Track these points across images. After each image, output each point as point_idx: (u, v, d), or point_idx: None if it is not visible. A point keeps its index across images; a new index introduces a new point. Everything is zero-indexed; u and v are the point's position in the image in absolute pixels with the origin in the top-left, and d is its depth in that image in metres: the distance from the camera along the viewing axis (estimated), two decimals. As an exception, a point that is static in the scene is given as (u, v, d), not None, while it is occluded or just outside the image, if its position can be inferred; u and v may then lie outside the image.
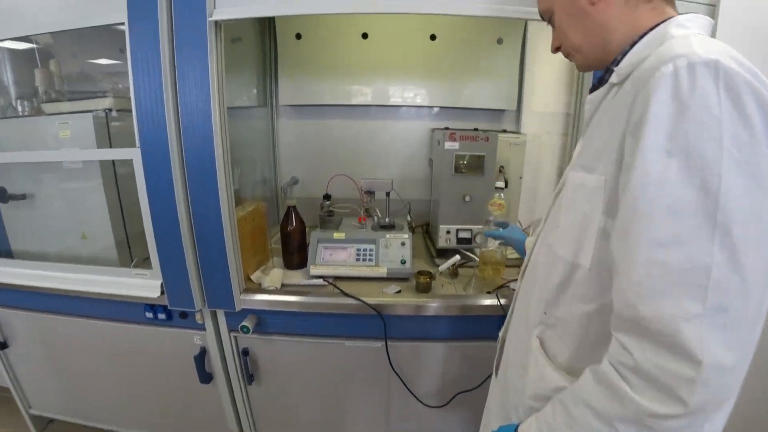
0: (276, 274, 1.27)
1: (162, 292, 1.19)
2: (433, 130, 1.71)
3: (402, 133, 1.79)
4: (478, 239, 1.34)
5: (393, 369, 1.27)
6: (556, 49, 0.72)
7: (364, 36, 1.64)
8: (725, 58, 0.45)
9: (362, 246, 1.37)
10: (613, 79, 0.60)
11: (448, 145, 1.37)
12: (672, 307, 0.45)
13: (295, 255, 1.40)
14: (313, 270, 1.30)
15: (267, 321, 1.24)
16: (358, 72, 1.68)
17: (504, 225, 1.20)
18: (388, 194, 1.53)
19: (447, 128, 1.65)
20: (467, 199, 1.42)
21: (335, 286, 1.26)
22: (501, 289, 1.26)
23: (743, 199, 0.44)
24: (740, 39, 1.33)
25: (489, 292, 1.27)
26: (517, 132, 1.74)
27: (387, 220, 1.54)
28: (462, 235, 1.46)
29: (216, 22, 0.99)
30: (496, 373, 0.93)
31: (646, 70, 0.51)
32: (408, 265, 1.33)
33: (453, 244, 1.46)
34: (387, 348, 1.24)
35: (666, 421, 0.45)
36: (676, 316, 0.44)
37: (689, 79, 0.45)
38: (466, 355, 1.30)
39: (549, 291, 0.67)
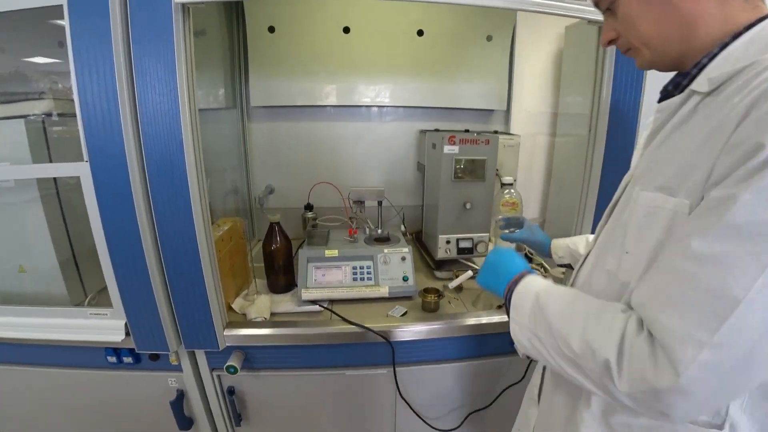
0: (263, 303, 1.10)
1: (127, 334, 0.99)
2: (423, 131, 1.59)
3: (387, 135, 1.65)
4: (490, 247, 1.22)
5: (402, 397, 1.14)
6: (609, 42, 0.61)
7: (346, 30, 1.49)
8: None
9: (358, 263, 1.23)
10: (701, 87, 0.51)
11: (448, 148, 1.25)
12: (682, 322, 0.42)
13: (281, 276, 1.23)
14: (305, 294, 1.14)
15: (256, 356, 1.07)
16: (339, 70, 1.53)
17: (517, 223, 1.09)
18: (380, 203, 1.39)
19: (438, 130, 1.54)
20: (468, 206, 1.31)
21: (333, 312, 1.11)
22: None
23: None
24: None
25: (500, 306, 1.18)
26: (508, 133, 1.67)
27: (380, 231, 1.41)
28: (463, 244, 1.36)
29: (183, 5, 0.81)
30: (539, 401, 0.84)
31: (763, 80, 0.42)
32: (411, 282, 1.21)
33: (453, 254, 1.35)
34: (396, 377, 1.11)
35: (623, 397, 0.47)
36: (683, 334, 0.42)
37: None
38: (477, 373, 1.19)
39: None
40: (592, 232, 1.04)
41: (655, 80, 0.68)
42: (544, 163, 1.75)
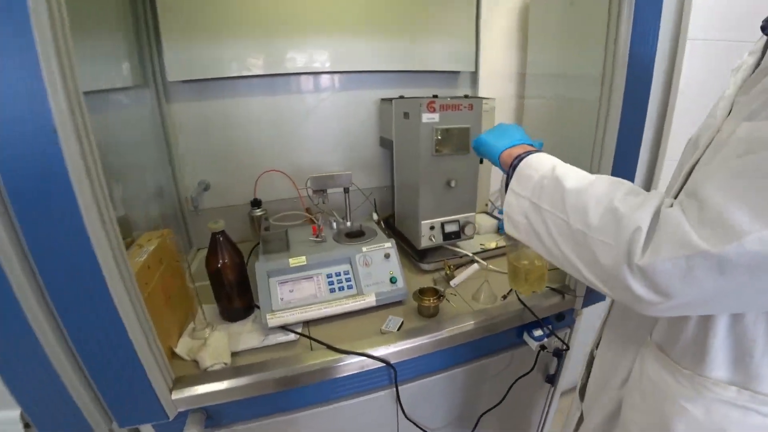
0: (219, 342, 0.83)
1: (27, 426, 0.68)
2: (385, 100, 1.35)
3: (341, 107, 1.39)
4: (505, 240, 0.99)
5: (407, 418, 0.95)
6: None
7: None
8: None
9: (333, 269, 0.99)
10: None
11: (427, 117, 1.04)
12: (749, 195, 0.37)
13: (236, 299, 0.96)
14: (272, 320, 0.89)
15: (222, 412, 0.81)
16: (278, 29, 1.22)
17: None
18: (347, 190, 1.15)
19: (402, 97, 1.31)
20: (453, 184, 1.12)
21: (312, 338, 0.87)
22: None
23: None
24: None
25: (504, 297, 1.02)
26: (477, 96, 1.48)
27: (349, 224, 1.18)
28: (449, 228, 1.17)
29: None
30: (582, 398, 0.80)
31: None
32: (401, 283, 1.00)
33: (439, 240, 1.16)
34: (399, 399, 0.91)
35: (635, 247, 0.43)
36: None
37: None
38: (485, 372, 1.04)
39: None
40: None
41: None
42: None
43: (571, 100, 1.38)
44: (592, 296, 1.02)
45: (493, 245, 1.25)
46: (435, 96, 1.32)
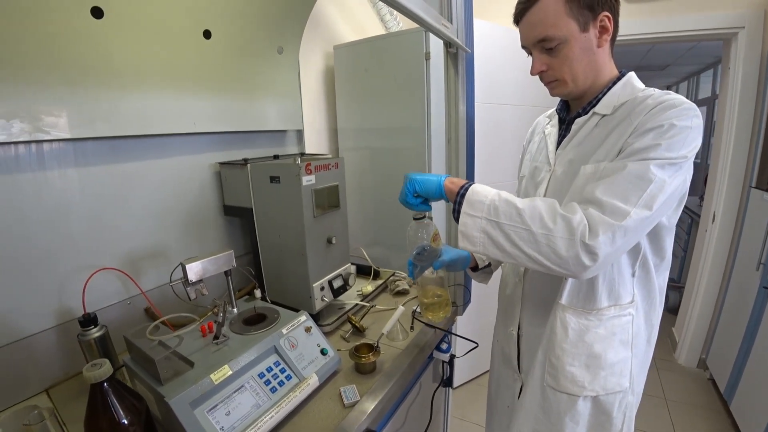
0: None
1: None
2: (225, 164, 1.22)
3: (172, 176, 1.16)
4: (417, 280, 1.04)
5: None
6: (538, 72, 0.81)
7: (96, 13, 0.90)
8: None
9: (263, 366, 0.85)
10: (604, 111, 0.79)
11: (307, 180, 1.04)
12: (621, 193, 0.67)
13: (143, 463, 0.67)
14: (223, 459, 0.68)
15: None
16: (86, 77, 0.91)
17: (429, 251, 1.02)
18: (228, 273, 0.99)
19: (246, 160, 1.23)
20: (333, 240, 1.15)
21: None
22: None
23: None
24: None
25: (412, 327, 1.14)
26: (308, 153, 1.55)
27: (236, 311, 1.02)
28: (337, 284, 1.19)
29: None
30: (520, 370, 1.00)
31: (646, 105, 0.73)
32: (332, 352, 0.96)
33: (330, 299, 1.17)
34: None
35: (580, 241, 0.66)
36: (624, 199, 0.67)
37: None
38: (417, 398, 1.13)
39: None
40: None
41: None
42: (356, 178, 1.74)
43: (385, 149, 1.67)
44: (466, 303, 1.28)
45: (370, 289, 1.34)
46: (276, 156, 1.33)
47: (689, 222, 3.11)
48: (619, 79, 0.81)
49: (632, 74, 0.81)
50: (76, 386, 0.97)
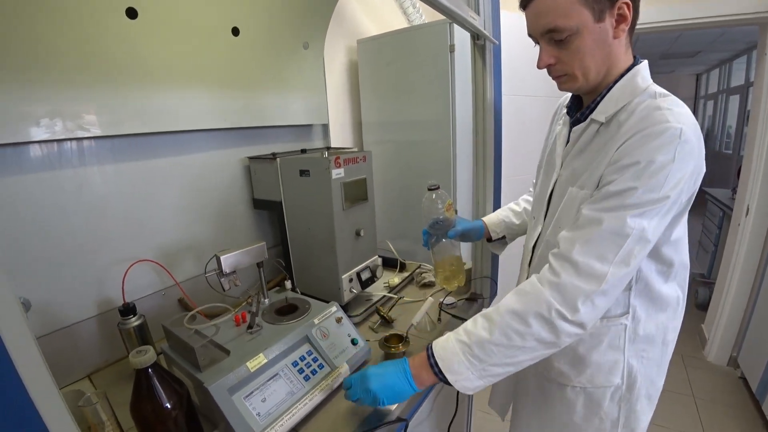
0: None
1: None
2: (255, 158, 1.25)
3: (203, 170, 1.19)
4: (433, 250, 1.11)
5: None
6: (546, 66, 0.74)
7: (131, 14, 0.93)
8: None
9: (296, 355, 0.86)
10: (600, 118, 0.74)
11: (336, 173, 1.05)
12: (597, 252, 0.65)
13: (186, 445, 0.70)
14: (262, 444, 0.70)
15: None
16: (120, 76, 0.95)
17: (444, 221, 1.06)
18: (261, 265, 1.01)
19: (274, 154, 1.25)
20: (362, 233, 1.16)
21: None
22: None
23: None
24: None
25: (439, 319, 1.14)
26: (335, 147, 1.56)
27: (267, 301, 1.04)
28: (365, 276, 1.20)
29: None
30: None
31: (629, 126, 0.68)
32: (362, 342, 0.97)
33: (358, 290, 1.18)
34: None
35: (563, 321, 0.65)
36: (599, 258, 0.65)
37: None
38: (440, 388, 1.13)
39: None
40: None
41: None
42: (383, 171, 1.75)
43: (409, 143, 1.67)
44: (492, 295, 1.28)
45: (396, 281, 1.35)
46: (303, 150, 1.34)
47: (721, 215, 3.00)
48: (624, 74, 0.73)
49: (638, 68, 0.73)
50: (117, 372, 1.01)
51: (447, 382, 0.70)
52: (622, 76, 0.73)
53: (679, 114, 0.65)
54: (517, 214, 1.11)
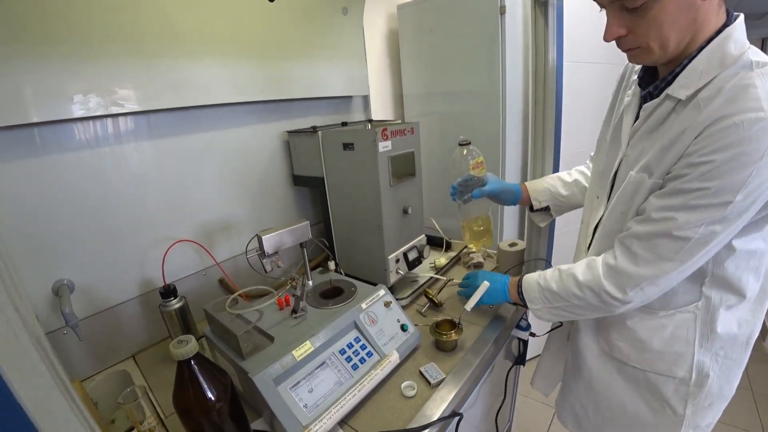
0: None
1: None
2: (293, 132, 1.18)
3: (240, 146, 1.13)
4: (461, 208, 1.06)
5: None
6: (615, 38, 0.61)
7: None
8: None
9: (343, 342, 0.80)
10: (678, 94, 0.61)
11: (383, 146, 0.96)
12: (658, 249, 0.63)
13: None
14: (311, 438, 0.65)
15: None
16: (152, 49, 0.89)
17: (474, 180, 1.00)
18: (304, 245, 0.95)
19: (314, 128, 1.17)
20: (410, 210, 1.08)
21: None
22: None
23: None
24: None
25: (519, 305, 1.04)
26: (392, 120, 1.47)
27: (311, 283, 0.98)
28: (412, 256, 1.12)
29: None
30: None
31: (718, 108, 0.55)
32: (411, 328, 0.89)
33: (404, 271, 1.10)
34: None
35: (610, 298, 0.68)
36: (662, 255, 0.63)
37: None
38: (490, 377, 1.05)
39: None
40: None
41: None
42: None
43: (454, 115, 1.55)
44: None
45: (443, 261, 1.26)
46: (344, 123, 1.26)
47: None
48: (713, 38, 0.59)
49: (730, 31, 0.58)
50: (161, 352, 0.99)
51: (526, 307, 0.83)
52: (710, 40, 0.59)
53: None
54: (567, 185, 0.99)
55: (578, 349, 0.89)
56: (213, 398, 0.62)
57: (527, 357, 1.13)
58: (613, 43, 0.63)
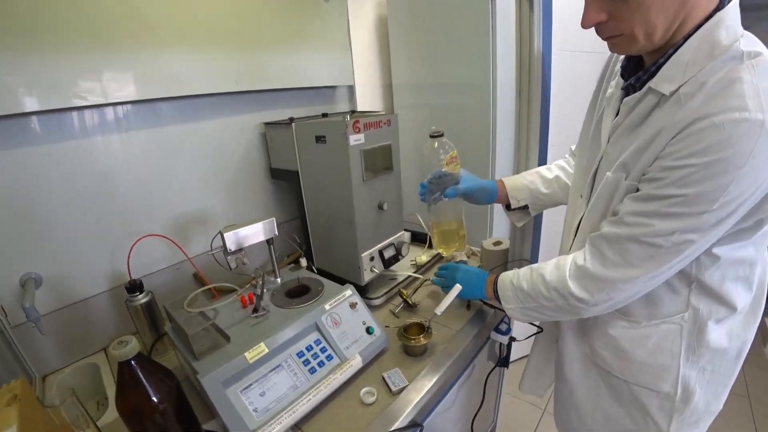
0: None
1: None
2: (270, 124, 1.15)
3: (213, 139, 1.10)
4: (432, 208, 0.98)
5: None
6: (594, 25, 0.57)
7: None
8: None
9: (302, 344, 0.78)
10: (661, 88, 0.56)
11: (354, 139, 0.92)
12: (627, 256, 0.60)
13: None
14: (257, 444, 0.63)
15: None
16: (117, 38, 0.86)
17: (447, 177, 0.92)
18: (270, 242, 0.92)
19: (292, 119, 1.13)
20: (385, 206, 1.04)
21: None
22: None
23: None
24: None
25: (468, 307, 1.01)
26: (362, 111, 1.43)
27: (279, 281, 0.95)
28: (388, 254, 1.09)
29: None
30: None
31: (701, 106, 0.50)
32: (378, 331, 0.87)
33: (380, 270, 1.07)
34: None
35: (575, 300, 0.66)
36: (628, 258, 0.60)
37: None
38: (468, 381, 1.02)
39: None
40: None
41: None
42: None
43: (444, 106, 1.49)
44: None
45: (425, 259, 1.23)
46: (324, 114, 1.22)
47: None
48: (702, 24, 0.53)
49: (721, 16, 0.52)
50: (131, 347, 0.98)
51: (501, 308, 0.81)
52: (699, 27, 0.53)
53: (767, 91, 0.47)
54: (547, 183, 0.93)
55: (562, 352, 0.86)
56: (156, 400, 0.60)
57: (516, 357, 1.10)
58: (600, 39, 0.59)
